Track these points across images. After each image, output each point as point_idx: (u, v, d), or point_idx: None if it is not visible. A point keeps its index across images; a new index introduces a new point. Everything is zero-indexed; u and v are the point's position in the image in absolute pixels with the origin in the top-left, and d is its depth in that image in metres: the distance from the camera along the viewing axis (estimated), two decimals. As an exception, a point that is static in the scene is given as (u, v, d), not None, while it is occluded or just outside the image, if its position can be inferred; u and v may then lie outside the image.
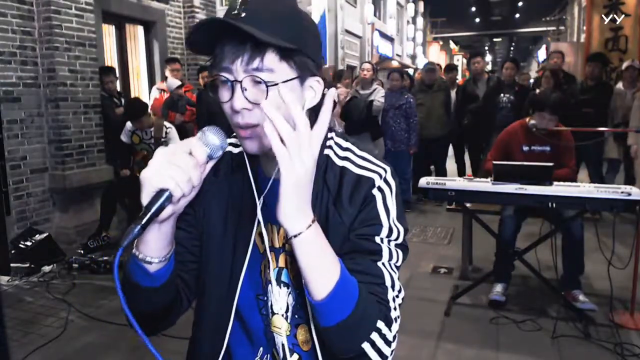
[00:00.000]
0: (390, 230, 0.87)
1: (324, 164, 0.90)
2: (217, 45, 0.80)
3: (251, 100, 0.78)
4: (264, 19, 0.77)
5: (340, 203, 0.87)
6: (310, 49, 0.83)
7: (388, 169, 0.90)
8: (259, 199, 0.90)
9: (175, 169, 0.72)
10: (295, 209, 0.70)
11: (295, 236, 0.71)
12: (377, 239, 0.86)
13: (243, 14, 0.77)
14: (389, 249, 0.86)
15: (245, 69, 0.78)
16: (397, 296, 0.85)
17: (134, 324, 0.71)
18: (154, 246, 0.79)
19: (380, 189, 0.88)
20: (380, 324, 0.79)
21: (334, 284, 0.73)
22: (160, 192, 0.72)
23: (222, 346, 0.92)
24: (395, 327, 0.82)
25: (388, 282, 0.84)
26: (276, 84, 0.77)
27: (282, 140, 0.67)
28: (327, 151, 0.92)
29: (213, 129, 0.78)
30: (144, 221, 0.71)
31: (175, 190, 0.72)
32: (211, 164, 0.79)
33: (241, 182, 0.93)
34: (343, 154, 0.92)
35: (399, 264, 0.88)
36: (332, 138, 0.94)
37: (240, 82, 0.78)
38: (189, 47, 0.82)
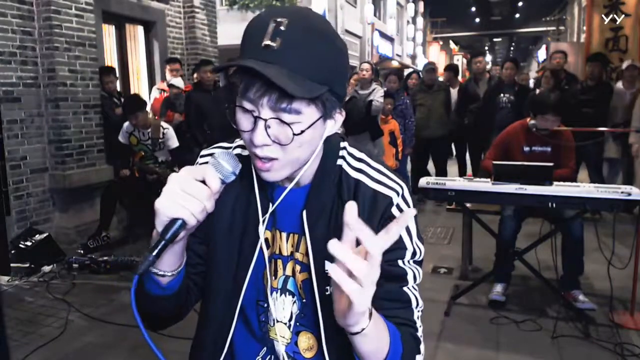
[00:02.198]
0: (414, 252, 0.87)
1: (337, 175, 0.88)
2: (246, 69, 0.74)
3: (273, 138, 0.77)
4: (298, 57, 0.73)
5: None
6: (338, 85, 0.79)
7: (404, 185, 0.88)
8: (269, 206, 0.89)
9: (191, 199, 0.72)
10: (361, 315, 0.67)
11: (359, 332, 0.70)
12: (401, 262, 0.86)
13: (275, 44, 0.72)
14: (412, 270, 0.87)
15: (273, 107, 0.75)
16: (419, 311, 0.87)
17: (150, 343, 0.72)
18: (167, 262, 0.81)
19: (399, 208, 0.86)
20: (418, 358, 0.84)
21: (387, 350, 0.75)
22: (174, 220, 0.73)
23: (225, 343, 0.92)
24: (422, 345, 0.86)
25: (414, 304, 0.86)
26: (303, 132, 0.76)
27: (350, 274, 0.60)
28: (339, 161, 0.90)
29: (225, 155, 0.78)
30: (157, 249, 0.72)
31: (190, 219, 0.73)
32: (222, 187, 0.78)
33: (249, 185, 0.91)
34: (357, 165, 0.90)
35: (419, 280, 0.89)
36: (345, 148, 0.91)
37: (266, 120, 0.76)
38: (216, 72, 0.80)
